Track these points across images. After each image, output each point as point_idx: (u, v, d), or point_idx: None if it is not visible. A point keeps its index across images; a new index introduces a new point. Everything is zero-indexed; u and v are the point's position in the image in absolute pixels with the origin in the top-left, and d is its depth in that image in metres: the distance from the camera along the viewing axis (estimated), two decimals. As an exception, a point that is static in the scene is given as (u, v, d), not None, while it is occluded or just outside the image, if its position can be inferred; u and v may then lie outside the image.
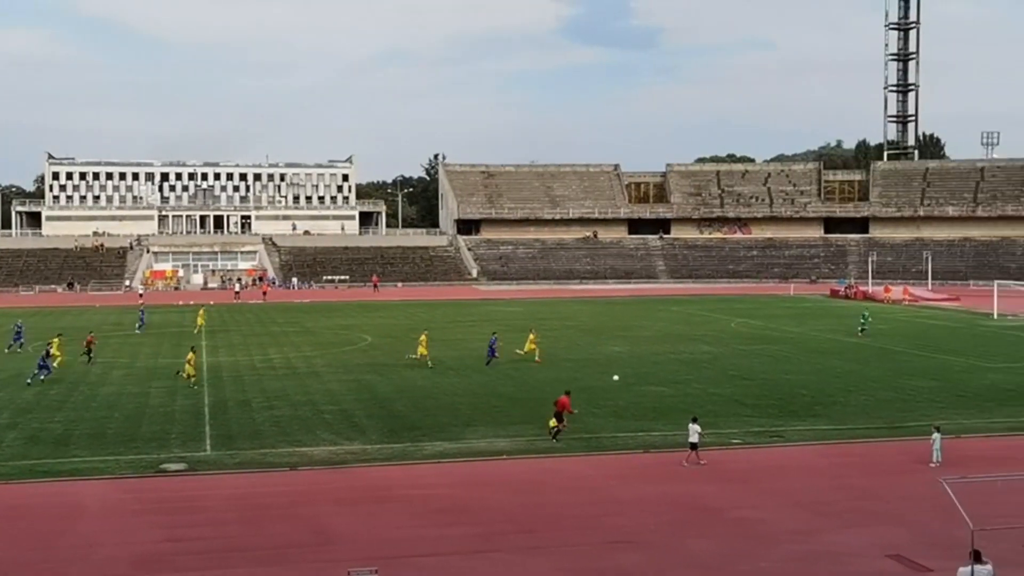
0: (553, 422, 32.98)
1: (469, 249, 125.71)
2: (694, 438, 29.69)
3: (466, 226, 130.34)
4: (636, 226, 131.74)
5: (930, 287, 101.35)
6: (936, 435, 29.69)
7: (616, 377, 44.37)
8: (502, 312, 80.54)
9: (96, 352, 51.78)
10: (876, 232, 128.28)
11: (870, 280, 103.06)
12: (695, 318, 75.51)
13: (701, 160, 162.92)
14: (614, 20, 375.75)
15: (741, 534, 23.12)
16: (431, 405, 38.94)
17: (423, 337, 51.45)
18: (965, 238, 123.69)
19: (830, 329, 67.00)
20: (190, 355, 45.59)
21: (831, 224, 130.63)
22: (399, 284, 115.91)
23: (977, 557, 17.42)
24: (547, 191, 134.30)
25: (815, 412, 37.63)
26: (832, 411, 37.72)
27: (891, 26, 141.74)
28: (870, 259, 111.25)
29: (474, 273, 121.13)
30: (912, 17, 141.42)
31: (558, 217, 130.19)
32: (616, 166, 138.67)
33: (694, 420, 30.19)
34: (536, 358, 50.43)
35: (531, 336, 52.39)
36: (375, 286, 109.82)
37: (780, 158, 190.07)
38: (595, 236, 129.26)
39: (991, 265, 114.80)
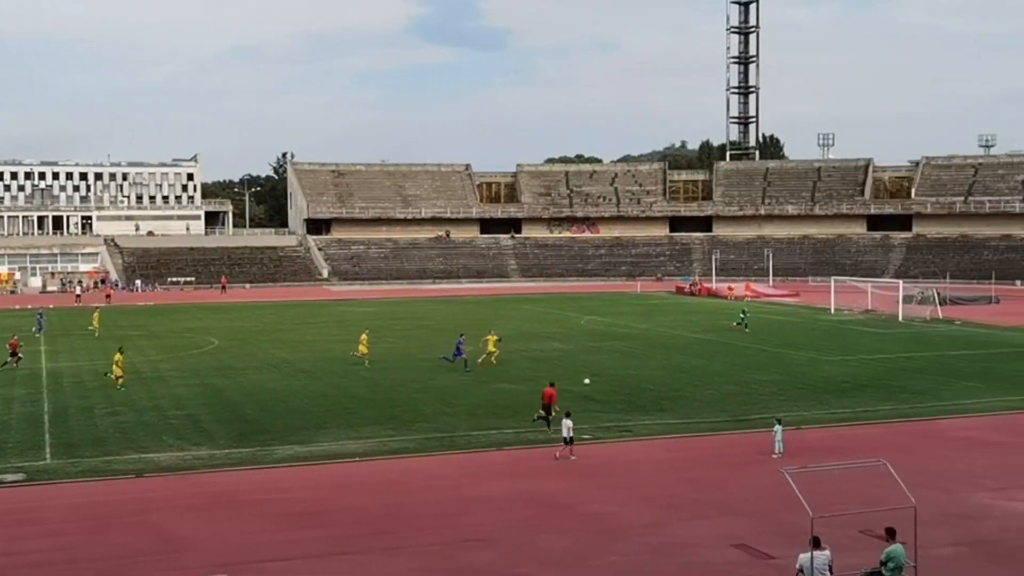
0: (541, 412, 33.94)
1: (320, 249, 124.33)
2: (567, 433, 30.13)
3: (316, 226, 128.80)
4: (488, 225, 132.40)
5: (771, 283, 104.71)
6: (778, 427, 30.70)
7: (587, 380, 43.15)
8: (354, 313, 79.89)
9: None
10: (719, 230, 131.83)
11: (714, 277, 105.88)
12: (546, 316, 76.33)
13: (551, 160, 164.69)
14: (463, 20, 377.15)
15: (592, 529, 23.48)
16: (282, 408, 38.38)
17: (364, 336, 50.99)
18: (804, 236, 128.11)
19: (676, 325, 68.60)
20: (118, 356, 44.04)
21: (676, 223, 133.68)
22: (247, 285, 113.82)
23: (816, 543, 18.06)
24: (399, 190, 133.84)
25: (662, 407, 38.46)
26: (679, 405, 38.62)
27: (732, 30, 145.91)
28: (714, 257, 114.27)
29: (325, 273, 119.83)
30: (752, 22, 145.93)
31: (410, 217, 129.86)
32: (467, 166, 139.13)
33: (567, 415, 30.69)
34: (493, 360, 48.74)
35: (491, 338, 49.96)
36: (223, 288, 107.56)
37: (627, 158, 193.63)
38: (447, 236, 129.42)
39: (828, 262, 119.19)
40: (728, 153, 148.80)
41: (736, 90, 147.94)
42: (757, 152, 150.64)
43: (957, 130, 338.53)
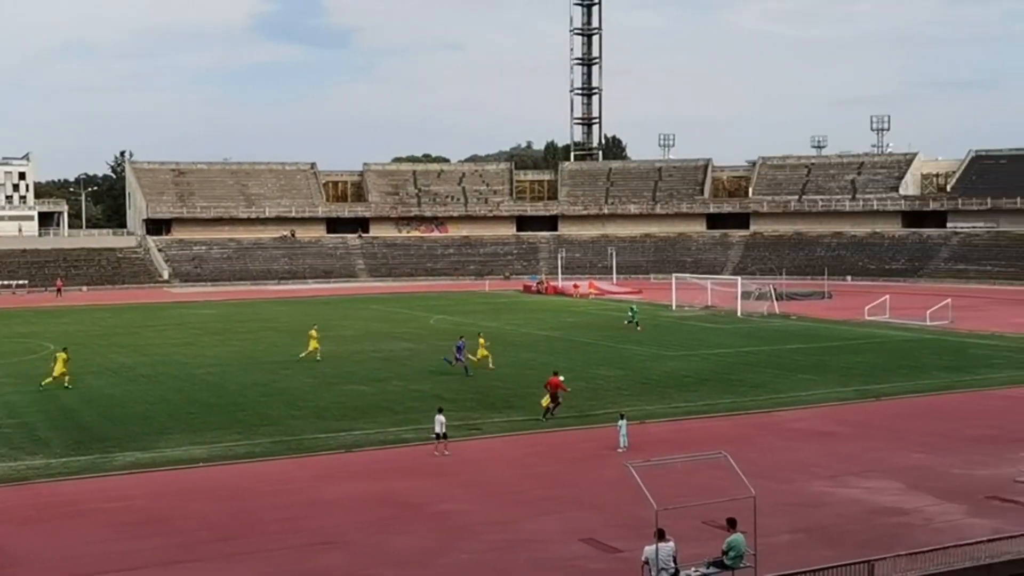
0: (546, 401, 35.35)
1: (160, 250, 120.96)
2: (440, 428, 30.57)
3: (156, 226, 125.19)
4: (334, 225, 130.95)
5: (615, 281, 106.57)
6: (622, 422, 31.33)
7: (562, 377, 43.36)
8: (197, 315, 78.09)
9: None
10: (565, 230, 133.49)
11: (560, 275, 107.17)
12: (395, 316, 76.05)
13: (398, 160, 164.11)
14: (308, 18, 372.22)
15: (442, 528, 23.54)
16: (121, 414, 37.24)
17: (313, 331, 51.71)
18: (646, 234, 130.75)
19: (524, 323, 69.21)
20: (63, 355, 43.66)
21: (523, 222, 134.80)
22: (84, 288, 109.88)
23: (661, 535, 18.48)
24: (242, 190, 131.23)
25: (511, 404, 38.78)
26: (527, 403, 38.93)
27: (575, 31, 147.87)
28: (560, 256, 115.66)
29: (165, 275, 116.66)
30: (595, 24, 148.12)
31: (254, 216, 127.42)
32: (313, 164, 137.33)
33: (440, 411, 31.21)
34: (490, 364, 47.46)
35: (481, 342, 48.87)
36: (59, 291, 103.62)
37: (474, 158, 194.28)
38: (293, 235, 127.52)
39: (669, 259, 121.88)
40: (572, 154, 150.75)
41: (580, 91, 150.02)
42: (600, 152, 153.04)
43: (791, 131, 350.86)
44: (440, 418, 30.86)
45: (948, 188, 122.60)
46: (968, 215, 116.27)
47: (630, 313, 66.53)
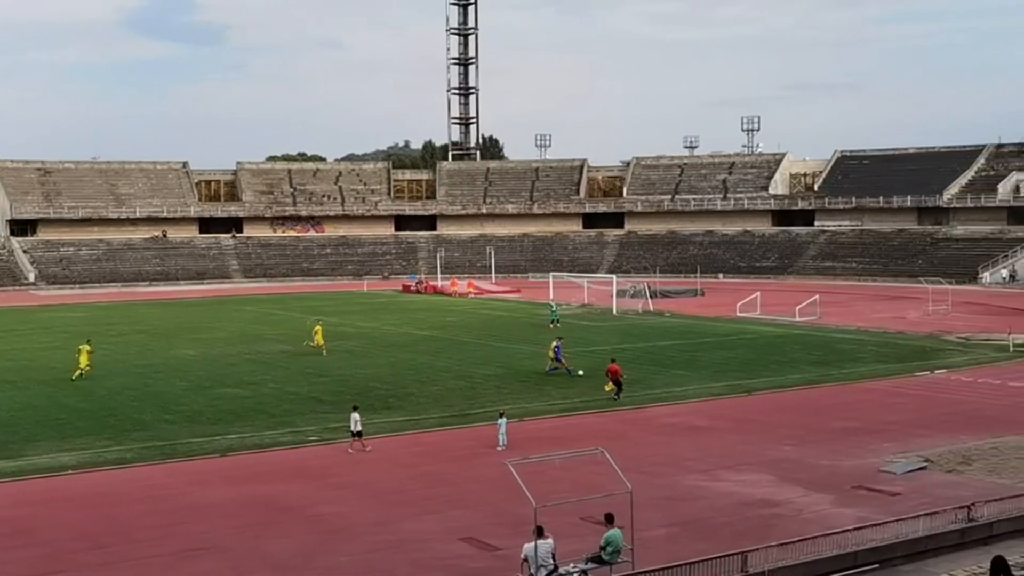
0: (609, 387, 39.30)
1: (24, 251, 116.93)
2: (356, 427, 30.84)
3: (20, 227, 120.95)
4: (207, 225, 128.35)
5: (494, 280, 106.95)
6: (502, 420, 31.48)
7: (581, 372, 44.54)
8: (65, 318, 75.77)
9: None
10: (443, 229, 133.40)
11: (439, 275, 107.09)
12: (270, 317, 74.97)
13: (273, 158, 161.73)
14: (179, 15, 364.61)
15: (320, 530, 23.32)
16: (-15, 421, 35.93)
17: (318, 327, 53.44)
18: (524, 234, 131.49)
19: (403, 323, 68.96)
20: (87, 347, 46.21)
21: (401, 222, 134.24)
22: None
23: (540, 532, 18.64)
24: (112, 189, 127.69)
25: (390, 404, 38.62)
26: (407, 402, 38.89)
27: (452, 31, 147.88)
28: (438, 255, 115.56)
29: (31, 277, 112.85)
30: (471, 24, 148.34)
31: (124, 216, 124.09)
32: (185, 164, 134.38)
33: (355, 409, 31.52)
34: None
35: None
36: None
37: (351, 157, 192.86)
38: (164, 236, 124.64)
39: (547, 258, 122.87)
40: (450, 153, 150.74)
41: (456, 91, 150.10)
42: (478, 152, 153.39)
43: (665, 132, 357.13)
44: (355, 415, 31.20)
45: (815, 188, 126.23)
46: (834, 214, 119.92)
47: (550, 312, 67.47)
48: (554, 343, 46.71)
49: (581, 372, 44.78)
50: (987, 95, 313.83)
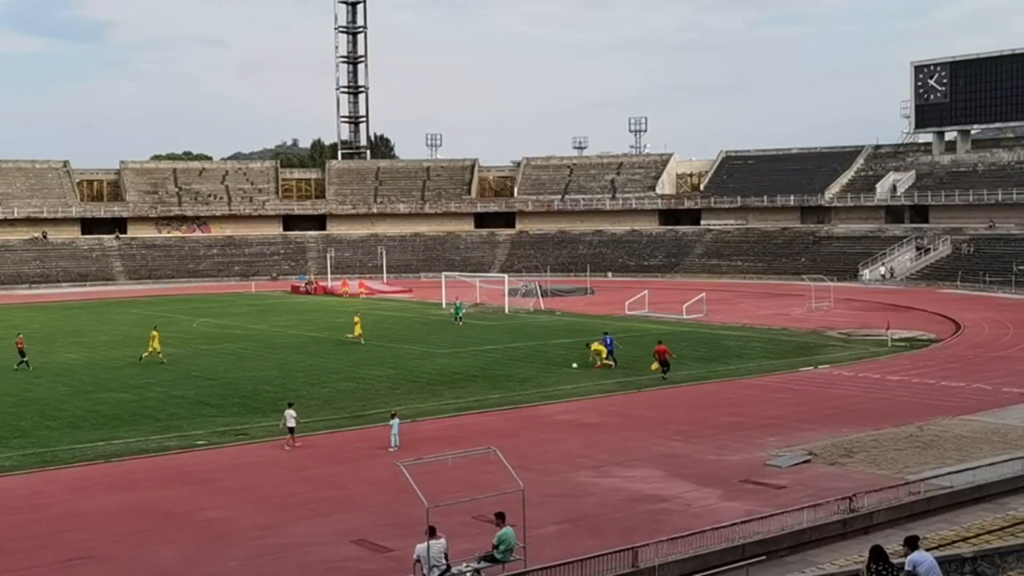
0: (655, 366, 42.90)
1: None
2: (291, 423, 31.07)
3: None
4: (90, 225, 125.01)
5: (385, 280, 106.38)
6: (394, 420, 31.30)
7: (575, 365, 45.74)
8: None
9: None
10: (333, 229, 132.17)
11: (329, 275, 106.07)
12: (156, 320, 73.23)
13: (157, 157, 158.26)
14: (58, 10, 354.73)
15: (206, 536, 22.86)
16: None
17: (357, 319, 57.45)
18: (415, 233, 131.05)
19: (292, 324, 68.14)
20: (154, 333, 50.71)
21: (290, 221, 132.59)
22: None
23: (432, 532, 18.58)
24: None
25: (279, 408, 37.97)
26: (297, 405, 38.33)
27: (340, 29, 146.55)
28: (328, 255, 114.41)
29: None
30: (360, 22, 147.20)
31: (2, 217, 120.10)
32: (66, 163, 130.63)
33: (290, 405, 31.78)
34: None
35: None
36: None
37: (238, 156, 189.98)
38: (44, 237, 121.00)
39: (439, 258, 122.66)
40: (340, 152, 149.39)
41: (346, 89, 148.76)
42: (368, 151, 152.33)
43: (554, 133, 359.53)
44: (290, 412, 31.40)
45: (701, 187, 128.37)
46: (720, 213, 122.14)
47: (454, 310, 68.33)
48: (605, 338, 47.89)
49: (575, 365, 46.36)
50: (864, 97, 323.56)
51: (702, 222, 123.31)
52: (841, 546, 21.46)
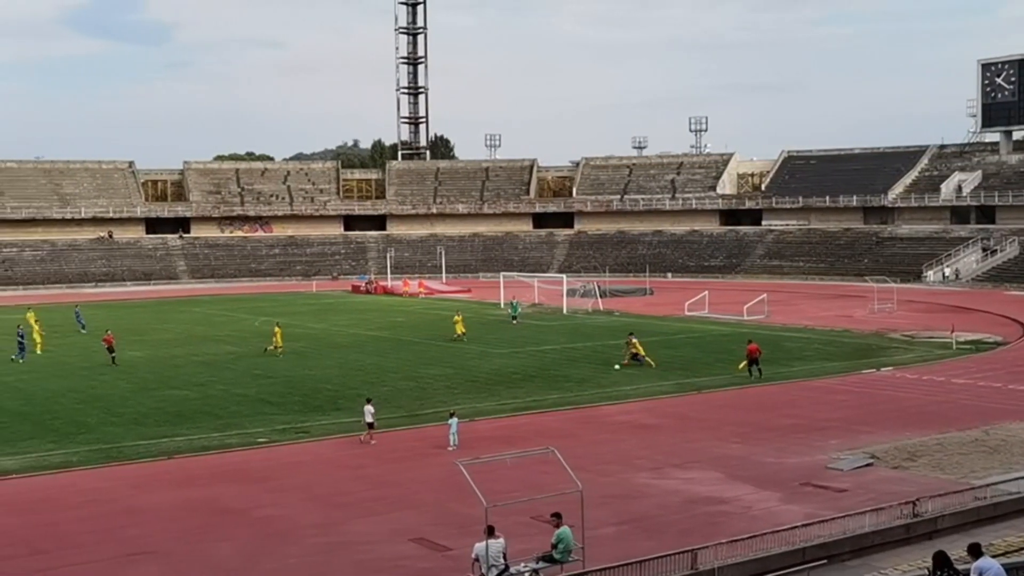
0: (743, 365, 43.20)
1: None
2: (368, 418, 31.67)
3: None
4: (154, 225, 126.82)
5: (444, 280, 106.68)
6: (453, 420, 31.34)
7: (617, 367, 45.62)
8: (5, 320, 74.29)
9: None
10: (393, 229, 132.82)
11: (389, 275, 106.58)
12: (218, 318, 74.22)
13: (220, 158, 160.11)
14: (123, 13, 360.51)
15: (264, 533, 23.03)
16: (-78, 425, 35.17)
17: (458, 317, 58.21)
18: (474, 233, 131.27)
19: (352, 324, 68.57)
20: (277, 328, 52.71)
21: (351, 221, 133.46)
22: None
23: (491, 532, 18.56)
24: (56, 189, 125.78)
25: (339, 406, 38.31)
26: (355, 404, 38.36)
27: (400, 30, 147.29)
28: (388, 255, 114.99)
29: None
30: (420, 23, 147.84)
31: (69, 216, 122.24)
32: (131, 163, 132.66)
33: (368, 401, 32.36)
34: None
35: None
36: None
37: (299, 157, 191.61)
38: (110, 236, 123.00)
39: (497, 258, 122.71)
40: (400, 153, 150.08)
41: (406, 90, 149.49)
42: (428, 152, 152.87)
43: (613, 133, 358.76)
44: (368, 408, 31.92)
45: (763, 187, 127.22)
46: (781, 213, 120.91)
47: (510, 309, 68.62)
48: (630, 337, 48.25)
49: (617, 367, 46.11)
50: (928, 96, 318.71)
51: (763, 222, 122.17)
52: (904, 551, 21.11)
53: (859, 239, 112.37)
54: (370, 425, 32.07)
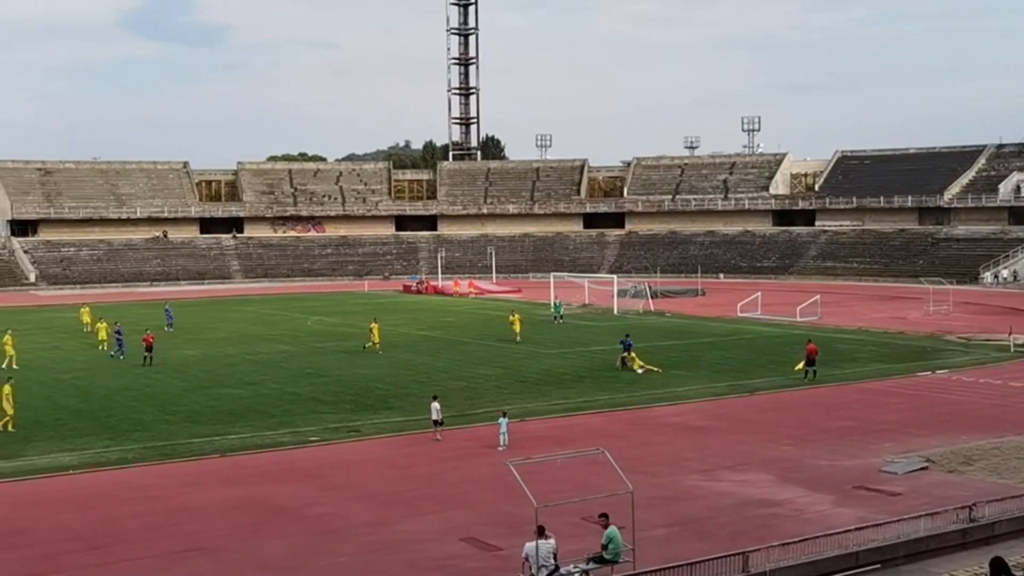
0: (800, 365, 43.15)
1: (25, 252, 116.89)
2: (435, 415, 32.17)
3: (21, 227, 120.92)
4: (208, 225, 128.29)
5: (494, 280, 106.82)
6: (503, 420, 31.37)
7: (640, 370, 44.94)
8: (64, 318, 75.59)
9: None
10: (444, 229, 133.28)
11: (439, 275, 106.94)
12: (271, 318, 74.86)
13: (273, 158, 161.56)
14: (176, 15, 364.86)
15: (315, 531, 23.19)
16: (-17, 422, 35.79)
17: (515, 317, 58.80)
18: (525, 234, 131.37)
19: (402, 323, 68.73)
20: (374, 325, 54.67)
21: (402, 222, 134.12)
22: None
23: (541, 532, 18.53)
24: (112, 189, 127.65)
25: (390, 405, 38.49)
26: (405, 403, 38.73)
27: (452, 31, 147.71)
28: (439, 255, 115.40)
29: (32, 277, 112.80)
30: (471, 24, 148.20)
31: (125, 216, 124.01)
32: (185, 164, 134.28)
33: (435, 398, 33.18)
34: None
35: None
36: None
37: (351, 157, 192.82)
38: (165, 236, 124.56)
39: (548, 259, 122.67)
40: (451, 153, 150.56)
41: (457, 91, 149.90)
42: (479, 152, 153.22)
43: (665, 132, 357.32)
44: (435, 405, 32.40)
45: (816, 187, 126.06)
46: (835, 214, 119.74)
47: (553, 310, 68.77)
48: (626, 338, 47.92)
49: (640, 371, 45.37)
50: (985, 96, 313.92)
51: (816, 223, 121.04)
52: (961, 556, 20.80)
53: (914, 240, 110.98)
54: (436, 422, 32.39)
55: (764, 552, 19.29)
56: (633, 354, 46.50)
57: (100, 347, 55.27)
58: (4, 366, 48.35)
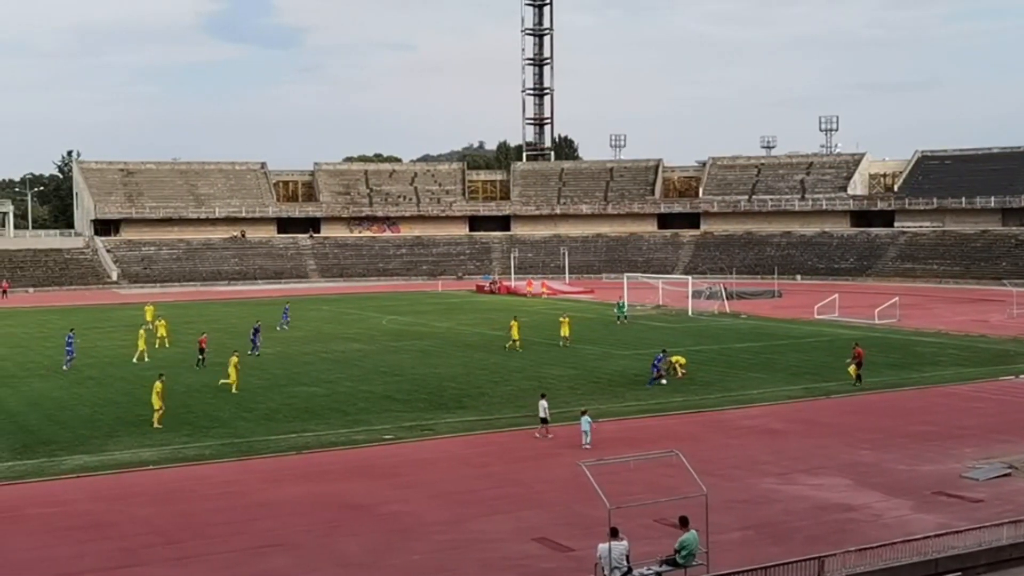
0: (853, 370, 41.79)
1: (108, 251, 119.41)
2: (543, 414, 32.56)
3: (105, 227, 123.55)
4: (285, 225, 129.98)
5: (567, 281, 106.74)
6: (585, 418, 31.34)
7: (664, 381, 43.27)
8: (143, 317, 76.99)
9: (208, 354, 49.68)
10: (517, 229, 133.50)
11: (512, 275, 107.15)
12: (346, 316, 75.61)
13: (349, 159, 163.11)
14: (256, 18, 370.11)
15: (391, 529, 23.38)
16: (68, 417, 36.66)
17: (565, 319, 57.49)
18: (598, 234, 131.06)
19: (476, 323, 69.09)
20: (513, 322, 54.89)
21: (476, 222, 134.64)
22: (31, 289, 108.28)
23: (614, 534, 18.51)
24: (191, 189, 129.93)
25: (464, 404, 38.66)
26: (479, 402, 38.89)
27: (527, 32, 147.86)
28: (512, 255, 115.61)
29: (114, 276, 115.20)
30: (546, 24, 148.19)
31: (204, 216, 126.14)
32: (263, 164, 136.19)
33: (543, 396, 33.69)
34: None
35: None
36: (3, 292, 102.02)
37: (426, 158, 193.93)
38: (243, 235, 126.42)
39: (621, 259, 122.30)
40: (525, 154, 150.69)
41: (531, 91, 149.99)
42: (552, 153, 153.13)
43: (740, 132, 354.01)
44: (543, 403, 32.86)
45: (895, 188, 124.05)
46: (915, 215, 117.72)
47: (616, 310, 68.88)
48: (660, 354, 44.38)
49: (664, 381, 43.39)
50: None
51: (896, 224, 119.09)
52: (1044, 566, 20.34)
53: (997, 241, 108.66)
54: (544, 420, 32.62)
55: (840, 557, 19.04)
56: (675, 359, 44.70)
57: (160, 343, 56.17)
58: (136, 360, 50.45)
